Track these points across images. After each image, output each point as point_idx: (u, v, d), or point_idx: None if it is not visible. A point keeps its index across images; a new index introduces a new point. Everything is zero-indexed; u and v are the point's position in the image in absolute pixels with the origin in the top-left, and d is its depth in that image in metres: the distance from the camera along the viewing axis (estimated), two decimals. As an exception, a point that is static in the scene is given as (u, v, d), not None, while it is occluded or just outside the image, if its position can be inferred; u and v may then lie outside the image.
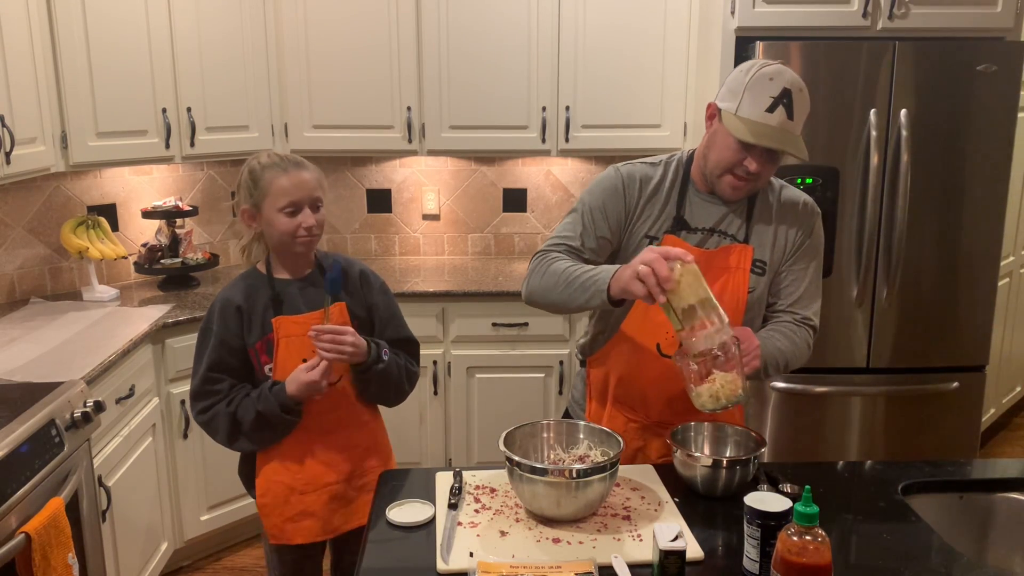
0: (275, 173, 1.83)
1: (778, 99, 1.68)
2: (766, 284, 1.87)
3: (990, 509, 1.75)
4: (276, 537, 1.95)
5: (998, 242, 3.06)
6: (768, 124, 1.69)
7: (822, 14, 2.94)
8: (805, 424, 3.13)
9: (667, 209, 1.85)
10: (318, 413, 1.90)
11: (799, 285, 1.88)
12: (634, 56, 3.41)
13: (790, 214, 1.87)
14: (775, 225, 1.86)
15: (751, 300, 1.84)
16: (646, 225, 1.85)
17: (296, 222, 1.83)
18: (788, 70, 1.72)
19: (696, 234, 1.84)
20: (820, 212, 1.91)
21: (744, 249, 1.83)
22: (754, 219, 1.85)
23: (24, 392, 2.12)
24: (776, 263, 1.87)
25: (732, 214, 1.85)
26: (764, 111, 1.69)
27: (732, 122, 1.72)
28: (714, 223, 1.85)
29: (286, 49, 3.40)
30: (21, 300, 3.12)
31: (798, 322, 1.88)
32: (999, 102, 2.94)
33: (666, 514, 1.62)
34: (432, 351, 3.32)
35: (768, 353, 1.77)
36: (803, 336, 1.86)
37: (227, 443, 1.92)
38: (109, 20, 2.89)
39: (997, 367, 3.91)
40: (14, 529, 1.80)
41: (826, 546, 1.26)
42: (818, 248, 1.90)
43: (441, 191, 3.90)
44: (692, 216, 1.85)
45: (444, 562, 1.46)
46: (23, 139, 2.59)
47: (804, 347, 1.86)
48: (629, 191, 1.85)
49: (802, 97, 1.71)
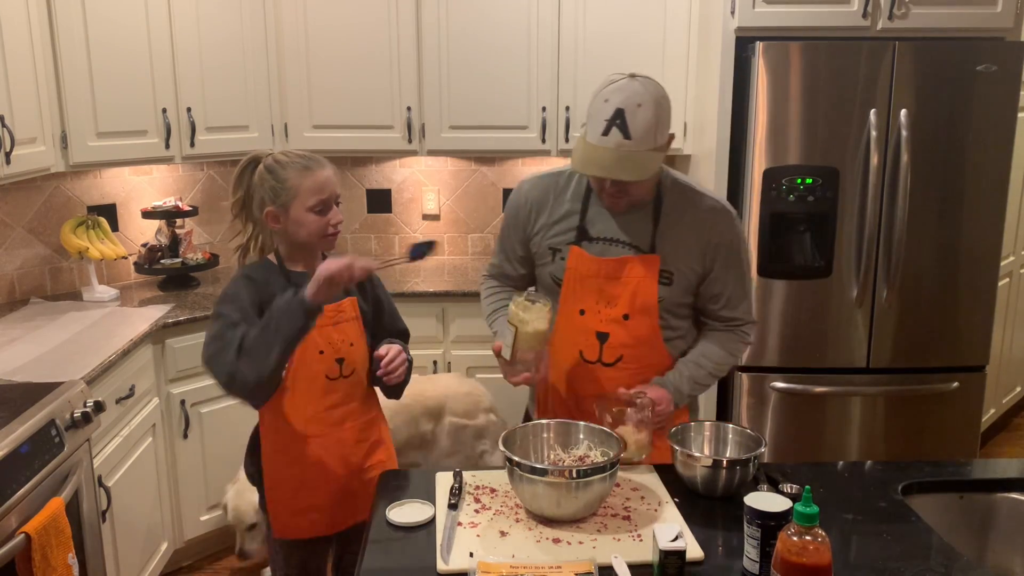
0: (301, 173, 1.83)
1: (611, 121, 1.70)
2: (679, 292, 1.89)
3: (990, 509, 1.75)
4: (281, 532, 1.95)
5: (998, 242, 3.05)
6: (605, 147, 1.71)
7: (822, 14, 2.94)
8: (805, 424, 3.13)
9: (570, 220, 1.91)
10: (328, 406, 1.91)
11: (723, 289, 1.91)
12: (634, 56, 3.40)
13: (698, 221, 1.87)
14: (683, 234, 1.87)
15: (663, 308, 1.88)
16: (548, 237, 1.93)
17: (326, 220, 1.86)
18: (630, 85, 1.72)
19: (597, 244, 1.88)
20: (734, 212, 1.92)
21: (650, 259, 1.85)
22: (660, 228, 1.86)
23: (24, 392, 2.12)
24: (687, 272, 1.88)
25: (637, 224, 1.87)
26: (600, 135, 1.72)
27: (576, 149, 1.78)
28: (615, 233, 1.87)
29: (286, 49, 3.40)
30: (21, 300, 3.12)
31: (726, 327, 1.95)
32: (999, 102, 2.93)
33: (666, 514, 1.62)
34: (432, 351, 3.32)
35: (679, 392, 1.89)
36: (730, 340, 1.95)
37: (231, 370, 1.74)
38: (109, 20, 2.89)
39: (997, 367, 3.91)
40: (14, 529, 1.80)
41: (826, 546, 1.26)
42: (735, 248, 1.90)
43: (441, 191, 3.90)
44: (594, 226, 1.89)
45: (444, 562, 1.46)
46: (23, 139, 2.59)
47: (733, 351, 1.96)
48: (525, 209, 1.96)
49: (640, 112, 1.70)
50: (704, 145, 3.28)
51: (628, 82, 1.73)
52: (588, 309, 1.89)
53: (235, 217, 1.94)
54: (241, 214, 1.93)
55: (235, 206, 1.92)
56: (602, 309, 1.88)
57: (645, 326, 1.88)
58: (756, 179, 2.97)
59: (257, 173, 1.87)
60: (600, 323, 1.89)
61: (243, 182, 1.90)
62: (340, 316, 1.91)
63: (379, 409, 2.06)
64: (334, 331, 1.90)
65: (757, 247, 3.00)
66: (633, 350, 1.90)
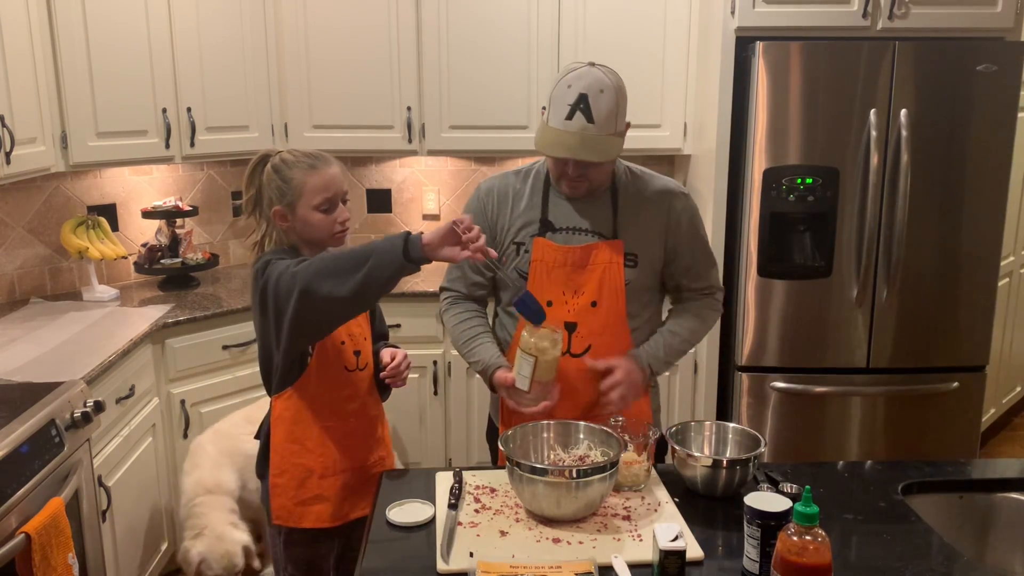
0: (306, 172, 1.84)
1: (574, 105, 1.77)
2: (644, 274, 1.95)
3: (990, 509, 1.75)
4: (282, 519, 1.93)
5: (998, 242, 3.05)
6: (568, 131, 1.77)
7: (822, 14, 2.94)
8: (805, 424, 3.13)
9: (531, 214, 1.95)
10: (343, 398, 1.92)
11: (691, 261, 1.99)
12: (634, 56, 3.41)
13: (653, 203, 1.95)
14: (641, 216, 1.93)
15: (629, 292, 1.92)
16: (511, 232, 1.96)
17: (332, 219, 1.88)
18: (591, 72, 1.79)
19: (561, 233, 1.93)
20: (685, 192, 2.00)
21: (614, 244, 1.91)
22: (619, 214, 1.93)
23: (24, 392, 2.12)
24: (650, 253, 1.94)
25: (597, 212, 1.93)
26: (564, 119, 1.78)
27: (538, 133, 1.83)
28: (577, 222, 1.93)
29: (286, 49, 3.40)
30: (21, 300, 3.12)
31: (699, 295, 2.03)
32: (999, 102, 2.94)
33: (666, 514, 1.62)
34: (432, 351, 3.32)
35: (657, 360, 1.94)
36: (703, 308, 2.02)
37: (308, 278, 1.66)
38: (109, 20, 2.89)
39: (997, 367, 3.91)
40: (14, 529, 1.80)
41: (826, 546, 1.26)
42: (692, 223, 1.98)
43: (441, 191, 3.90)
44: (556, 217, 1.94)
45: (444, 562, 1.46)
46: (23, 139, 2.60)
47: (706, 318, 2.03)
48: (488, 206, 2.00)
49: (603, 98, 1.76)
50: (704, 145, 3.28)
51: (589, 70, 1.79)
52: (555, 300, 1.92)
53: (249, 215, 1.95)
54: (255, 212, 1.93)
55: (247, 204, 1.93)
56: (569, 299, 1.92)
57: (613, 312, 1.92)
58: (756, 179, 2.97)
59: (265, 172, 1.88)
60: (568, 313, 1.92)
61: (254, 180, 1.91)
62: None
63: (382, 407, 2.07)
64: (354, 324, 1.92)
65: (757, 247, 3.01)
66: (601, 338, 1.93)
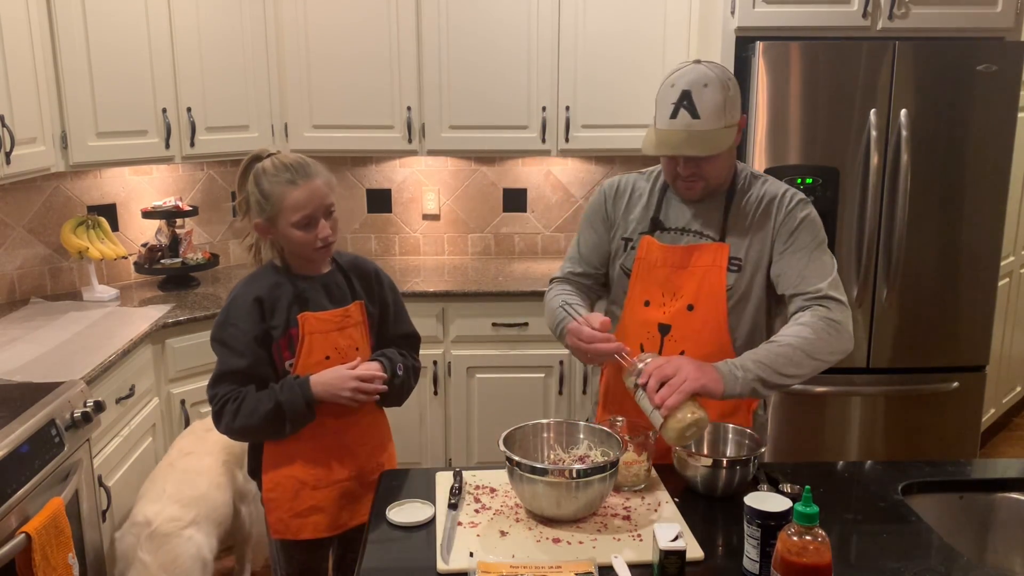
0: (285, 187, 1.78)
1: (678, 103, 1.76)
2: (749, 282, 1.87)
3: (990, 509, 1.75)
4: (280, 532, 1.94)
5: (998, 242, 3.05)
6: (674, 130, 1.76)
7: (822, 14, 2.94)
8: (805, 424, 3.13)
9: (646, 212, 1.95)
10: (331, 412, 1.89)
11: (798, 267, 1.82)
12: (634, 56, 3.41)
13: (766, 209, 1.88)
14: (751, 222, 1.88)
15: (733, 297, 1.86)
16: (625, 229, 1.96)
17: (312, 235, 1.81)
18: (695, 69, 1.77)
19: (669, 233, 1.92)
20: (803, 198, 1.88)
21: (720, 247, 1.87)
22: (730, 218, 1.89)
23: (24, 392, 2.12)
24: (755, 259, 1.87)
25: (709, 214, 1.90)
26: (669, 119, 1.77)
27: (647, 136, 1.83)
28: (687, 223, 1.91)
29: (286, 49, 3.40)
30: (21, 300, 3.12)
31: (809, 303, 1.79)
32: (999, 102, 2.93)
33: (666, 514, 1.62)
34: (432, 351, 3.32)
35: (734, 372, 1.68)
36: (814, 315, 1.76)
37: (232, 425, 1.84)
38: (109, 20, 2.89)
39: (997, 367, 3.91)
40: (14, 529, 1.80)
41: (826, 546, 1.26)
42: (810, 231, 1.84)
43: (441, 191, 3.90)
44: (668, 217, 1.93)
45: (444, 562, 1.46)
46: (23, 139, 2.59)
47: (816, 328, 1.74)
48: (609, 201, 2.00)
49: (707, 92, 1.75)
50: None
51: (693, 67, 1.78)
52: (653, 300, 1.90)
53: (242, 218, 1.90)
54: (247, 216, 1.89)
55: (240, 207, 1.89)
56: (667, 300, 1.89)
57: (711, 318, 1.85)
58: (756, 179, 2.97)
59: (249, 180, 1.84)
60: (663, 315, 1.89)
61: (243, 185, 1.87)
62: (346, 321, 1.90)
63: (381, 413, 2.04)
64: (340, 336, 1.89)
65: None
66: (695, 344, 1.84)
